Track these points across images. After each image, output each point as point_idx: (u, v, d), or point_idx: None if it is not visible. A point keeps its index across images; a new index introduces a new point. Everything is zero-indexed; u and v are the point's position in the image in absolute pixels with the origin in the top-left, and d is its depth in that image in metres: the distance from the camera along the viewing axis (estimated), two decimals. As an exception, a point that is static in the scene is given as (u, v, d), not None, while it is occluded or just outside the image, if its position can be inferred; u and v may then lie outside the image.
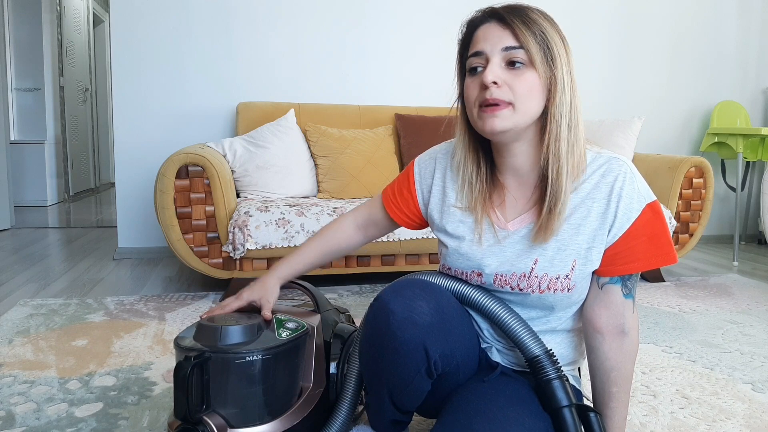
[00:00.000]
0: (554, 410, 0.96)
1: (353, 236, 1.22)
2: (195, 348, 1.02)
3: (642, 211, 0.95)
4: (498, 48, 0.91)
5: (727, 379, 1.64)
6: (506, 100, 0.90)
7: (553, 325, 1.05)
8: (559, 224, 0.95)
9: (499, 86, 0.90)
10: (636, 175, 0.97)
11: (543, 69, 0.91)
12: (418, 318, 0.92)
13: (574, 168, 0.95)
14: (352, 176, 2.72)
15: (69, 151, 5.78)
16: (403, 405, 1.02)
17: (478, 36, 0.94)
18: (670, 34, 3.70)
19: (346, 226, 1.22)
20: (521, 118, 0.92)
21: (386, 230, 1.22)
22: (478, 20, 0.96)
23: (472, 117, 0.95)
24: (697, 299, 2.46)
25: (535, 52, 0.90)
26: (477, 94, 0.93)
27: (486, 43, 0.92)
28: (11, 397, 1.46)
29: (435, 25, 3.33)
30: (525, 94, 0.91)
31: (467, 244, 1.03)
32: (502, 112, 0.90)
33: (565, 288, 0.99)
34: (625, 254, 0.97)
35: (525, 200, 1.01)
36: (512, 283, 1.01)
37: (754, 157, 3.64)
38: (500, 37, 0.91)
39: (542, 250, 0.98)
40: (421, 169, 1.13)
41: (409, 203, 1.14)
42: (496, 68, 0.90)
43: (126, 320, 2.07)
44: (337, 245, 1.22)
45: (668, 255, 0.97)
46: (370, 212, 1.21)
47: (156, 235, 3.15)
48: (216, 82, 3.12)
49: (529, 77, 0.91)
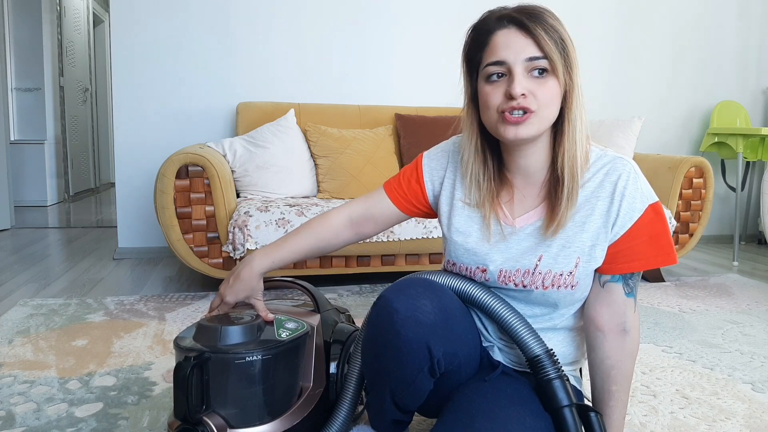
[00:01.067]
0: (555, 410, 0.96)
1: (343, 232, 1.15)
2: (195, 348, 1.02)
3: (644, 211, 0.96)
4: (522, 58, 0.90)
5: (727, 379, 1.64)
6: (532, 109, 0.91)
7: (555, 323, 1.05)
8: (570, 216, 0.97)
9: (525, 97, 0.90)
10: (639, 175, 0.98)
11: (563, 76, 0.92)
12: (421, 316, 0.92)
13: (582, 165, 0.97)
14: (352, 176, 2.72)
15: (69, 151, 5.78)
16: (405, 404, 1.02)
17: (498, 43, 0.93)
18: (671, 34, 3.70)
19: (338, 221, 1.15)
20: (543, 124, 0.93)
21: (383, 225, 1.16)
22: (492, 25, 0.94)
23: (491, 123, 0.95)
24: (697, 299, 2.46)
25: (557, 60, 0.91)
26: (500, 102, 0.92)
27: (509, 51, 0.91)
28: (11, 397, 1.46)
29: (435, 24, 3.33)
30: (547, 103, 0.92)
31: (474, 240, 1.04)
32: (529, 121, 0.91)
33: (569, 285, 0.99)
34: (626, 253, 0.98)
35: (533, 197, 1.02)
36: (516, 280, 1.02)
37: (754, 157, 3.64)
38: (523, 47, 0.91)
39: (547, 247, 0.99)
40: (431, 161, 1.13)
41: (417, 193, 1.13)
42: (522, 79, 0.90)
43: (126, 320, 2.07)
44: (326, 242, 1.15)
45: (669, 255, 0.98)
46: (369, 206, 1.15)
47: (156, 235, 3.15)
48: (216, 82, 3.12)
49: (551, 85, 0.92)
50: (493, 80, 0.93)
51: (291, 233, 1.15)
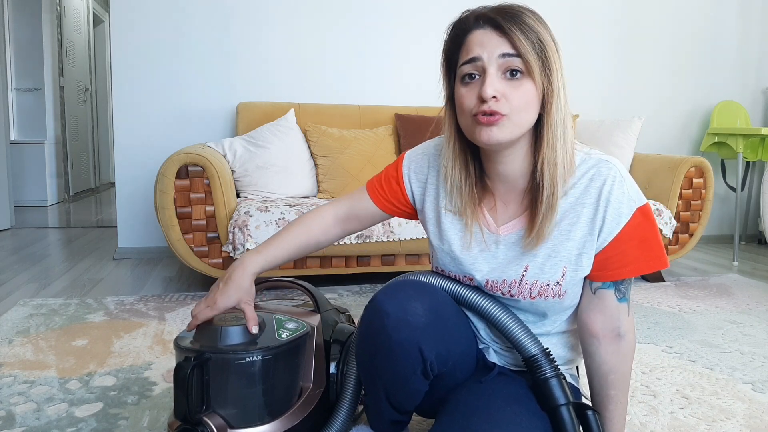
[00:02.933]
0: (552, 409, 0.96)
1: (331, 230, 1.14)
2: (195, 348, 1.02)
3: (632, 216, 0.93)
4: (495, 55, 0.87)
5: (727, 379, 1.64)
6: (504, 113, 0.88)
7: (547, 329, 1.05)
8: (550, 230, 0.94)
9: (497, 100, 0.87)
10: (625, 177, 0.94)
11: (540, 79, 0.88)
12: (412, 319, 0.91)
13: (565, 172, 0.93)
14: (352, 176, 2.72)
15: (69, 151, 5.78)
16: (401, 405, 1.02)
17: (472, 41, 0.90)
18: (671, 34, 3.69)
19: (326, 219, 1.14)
20: (518, 129, 0.90)
21: (368, 223, 1.15)
22: (470, 24, 0.92)
23: (466, 126, 0.93)
24: (697, 299, 2.46)
25: (533, 62, 0.87)
26: (473, 105, 0.89)
27: (482, 49, 0.88)
28: (11, 397, 1.46)
29: (435, 24, 3.32)
30: (522, 107, 0.88)
31: (458, 248, 1.03)
32: (500, 123, 0.88)
33: (556, 294, 0.98)
34: (616, 259, 0.95)
35: (515, 205, 1.00)
36: (503, 290, 1.01)
37: (754, 157, 3.64)
38: (497, 45, 0.88)
39: (532, 257, 0.97)
40: (412, 163, 1.11)
41: (398, 194, 1.12)
42: (494, 80, 0.87)
43: (126, 320, 2.07)
44: (315, 240, 1.13)
45: (659, 259, 0.96)
46: (352, 204, 1.14)
47: (156, 235, 3.15)
48: (216, 82, 3.12)
49: (526, 88, 0.88)
50: (467, 82, 0.90)
51: (280, 232, 1.13)
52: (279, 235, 1.12)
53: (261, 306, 1.27)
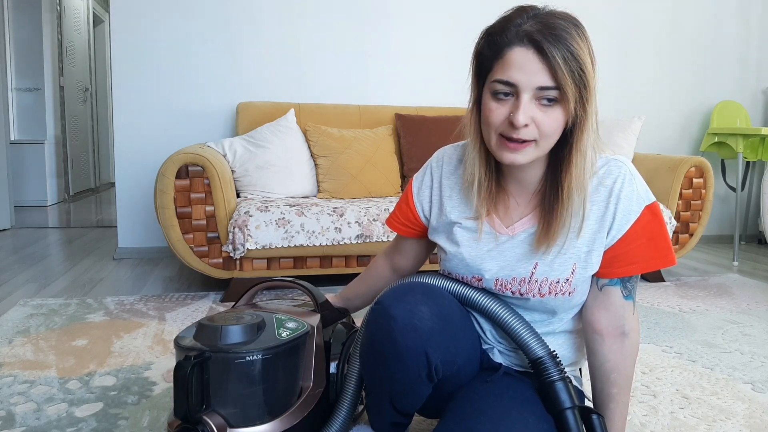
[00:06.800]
0: (557, 412, 0.96)
1: (392, 279, 1.27)
2: (195, 348, 1.02)
3: (641, 213, 0.95)
4: (532, 85, 0.85)
5: (727, 379, 1.64)
6: (532, 138, 0.88)
7: (554, 327, 1.05)
8: (563, 232, 0.95)
9: (527, 127, 0.87)
10: (635, 176, 0.96)
11: (573, 106, 0.87)
12: (419, 323, 0.91)
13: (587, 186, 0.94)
14: (352, 176, 2.72)
15: (69, 151, 5.78)
16: (404, 408, 1.02)
17: (512, 60, 0.86)
18: (670, 34, 3.70)
19: (386, 272, 1.30)
20: (541, 152, 0.91)
21: (414, 260, 1.25)
22: (511, 38, 0.86)
23: (490, 141, 0.92)
24: (697, 299, 2.46)
25: (570, 93, 0.85)
26: (500, 124, 0.89)
27: (521, 75, 0.85)
28: (11, 397, 1.46)
29: (435, 24, 3.33)
30: (550, 133, 0.89)
31: (467, 249, 1.03)
32: (526, 149, 0.89)
33: (566, 292, 0.99)
34: (624, 256, 0.97)
35: (525, 204, 1.01)
36: (512, 288, 1.01)
37: (754, 157, 3.64)
38: (536, 73, 0.85)
39: (542, 255, 0.98)
40: (417, 180, 1.14)
41: (408, 215, 1.15)
42: (527, 107, 0.86)
43: (126, 320, 2.07)
44: (379, 289, 1.21)
45: (667, 257, 0.97)
46: (394, 249, 1.27)
47: (156, 235, 3.15)
48: (216, 81, 3.12)
49: (557, 115, 0.87)
50: (500, 98, 0.88)
51: (351, 286, 1.36)
52: (350, 287, 1.35)
53: (261, 306, 1.27)
